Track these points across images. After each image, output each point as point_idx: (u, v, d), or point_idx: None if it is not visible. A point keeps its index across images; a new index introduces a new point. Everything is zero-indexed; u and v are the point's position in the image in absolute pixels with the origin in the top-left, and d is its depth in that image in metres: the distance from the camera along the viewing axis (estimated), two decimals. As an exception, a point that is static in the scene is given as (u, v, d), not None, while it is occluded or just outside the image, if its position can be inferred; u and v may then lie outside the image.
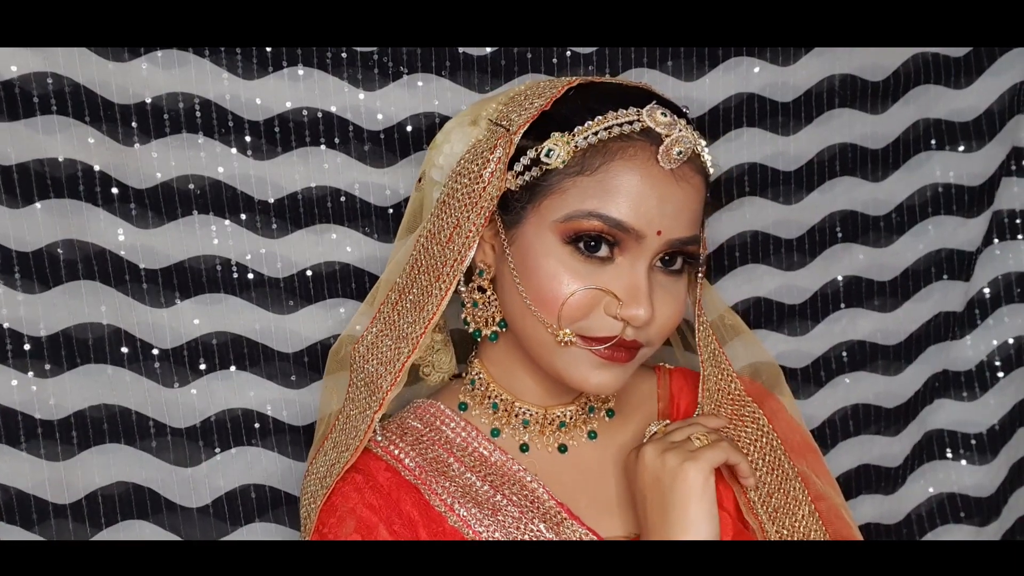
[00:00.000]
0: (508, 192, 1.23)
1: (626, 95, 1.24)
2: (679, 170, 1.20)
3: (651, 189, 1.19)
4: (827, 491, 1.38)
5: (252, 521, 1.48)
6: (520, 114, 1.24)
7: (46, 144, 1.34)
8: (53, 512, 1.39)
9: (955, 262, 1.71)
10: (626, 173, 1.19)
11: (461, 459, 1.29)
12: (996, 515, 1.78)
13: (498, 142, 1.23)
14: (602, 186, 1.19)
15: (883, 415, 1.72)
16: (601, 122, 1.20)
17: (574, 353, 1.22)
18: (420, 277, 1.28)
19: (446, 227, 1.26)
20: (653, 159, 1.20)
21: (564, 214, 1.20)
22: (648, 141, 1.20)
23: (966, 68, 1.66)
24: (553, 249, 1.20)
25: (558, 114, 1.23)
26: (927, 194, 1.69)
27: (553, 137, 1.20)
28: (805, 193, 1.63)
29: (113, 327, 1.40)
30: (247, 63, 1.41)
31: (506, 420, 1.31)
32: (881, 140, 1.65)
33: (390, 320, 1.31)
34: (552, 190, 1.20)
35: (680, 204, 1.21)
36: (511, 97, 1.30)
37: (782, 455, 1.34)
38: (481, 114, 1.30)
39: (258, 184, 1.43)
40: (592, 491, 1.31)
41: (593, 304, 1.20)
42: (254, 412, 1.46)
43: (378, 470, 1.28)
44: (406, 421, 1.34)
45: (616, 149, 1.20)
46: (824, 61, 1.59)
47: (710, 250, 1.60)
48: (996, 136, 1.68)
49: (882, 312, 1.71)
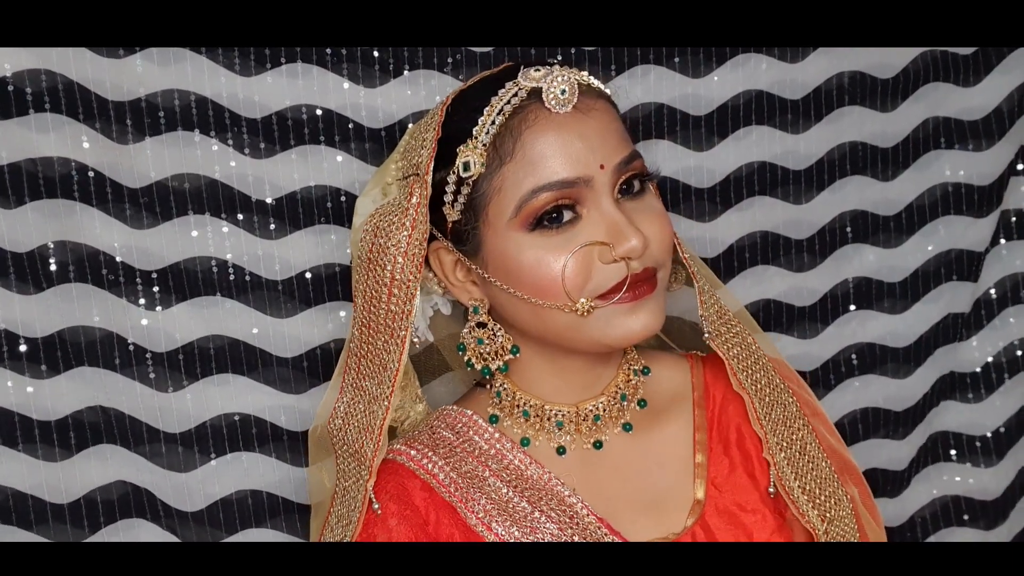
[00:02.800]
0: (454, 225, 1.24)
1: (496, 79, 1.25)
2: (580, 104, 1.21)
3: (568, 135, 1.20)
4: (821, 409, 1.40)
5: (248, 527, 1.46)
6: (418, 155, 1.26)
7: (39, 143, 1.32)
8: (51, 512, 1.38)
9: (964, 263, 1.69)
10: (539, 136, 1.20)
11: (497, 472, 1.28)
12: (1003, 518, 1.77)
13: (412, 188, 1.25)
14: (527, 161, 1.20)
15: (892, 419, 1.70)
16: (490, 112, 1.22)
17: (601, 315, 1.21)
18: (375, 338, 1.28)
19: (382, 285, 1.26)
20: (549, 111, 1.21)
21: (513, 207, 1.20)
22: (537, 100, 1.21)
23: (975, 67, 1.65)
24: (523, 241, 1.21)
25: (452, 132, 1.24)
26: (937, 193, 1.68)
27: (461, 152, 1.22)
28: (815, 192, 1.62)
29: (106, 331, 1.38)
30: (244, 60, 1.39)
31: (540, 425, 1.30)
32: (891, 138, 1.64)
33: (357, 386, 1.31)
34: (490, 195, 1.21)
35: (601, 131, 1.22)
36: (402, 152, 1.32)
37: (773, 373, 1.34)
38: (385, 181, 1.32)
39: (256, 183, 1.41)
40: (630, 491, 1.29)
41: (588, 262, 1.20)
42: (251, 417, 1.44)
43: (414, 489, 1.27)
44: (437, 431, 1.32)
45: (517, 124, 1.21)
46: (832, 58, 1.58)
47: (719, 251, 1.59)
48: (1005, 135, 1.67)
49: (892, 314, 1.69)
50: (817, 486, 1.29)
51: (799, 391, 1.38)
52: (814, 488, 1.29)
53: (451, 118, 1.25)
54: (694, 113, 1.53)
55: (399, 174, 1.30)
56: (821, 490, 1.29)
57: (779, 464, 1.28)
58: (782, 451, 1.29)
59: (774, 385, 1.33)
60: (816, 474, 1.30)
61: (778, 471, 1.28)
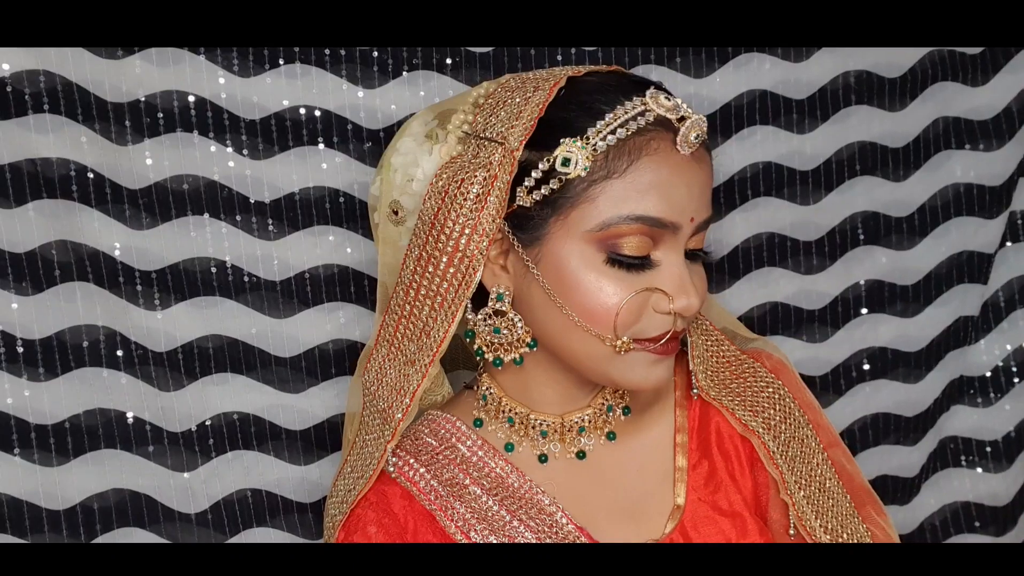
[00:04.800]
0: (520, 209, 1.18)
1: (620, 85, 1.19)
2: (697, 152, 1.18)
3: (679, 178, 1.16)
4: (838, 438, 1.36)
5: (251, 527, 1.46)
6: (507, 125, 1.18)
7: (38, 144, 1.33)
8: (47, 519, 1.37)
9: (975, 265, 1.67)
10: (654, 168, 1.15)
11: (477, 480, 1.26)
12: (1013, 524, 1.75)
13: (492, 159, 1.17)
14: (634, 186, 1.15)
15: (903, 424, 1.68)
16: (613, 120, 1.15)
17: (632, 358, 1.18)
18: (422, 303, 1.22)
19: (442, 253, 1.19)
20: (673, 147, 1.16)
21: (599, 222, 1.15)
22: (664, 129, 1.16)
23: (982, 66, 1.63)
24: (592, 261, 1.16)
25: (558, 118, 1.17)
26: (948, 194, 1.65)
27: (565, 144, 1.15)
28: (823, 193, 1.60)
29: (108, 330, 1.38)
30: (243, 61, 1.39)
31: (524, 432, 1.28)
32: (900, 139, 1.62)
33: (394, 343, 1.26)
34: (579, 199, 1.15)
35: (703, 186, 1.19)
36: (479, 105, 1.23)
37: (791, 402, 1.30)
38: (439, 127, 1.24)
39: (254, 184, 1.41)
40: (610, 499, 1.28)
41: (643, 305, 1.17)
42: (251, 417, 1.44)
43: (393, 497, 1.26)
44: (421, 436, 1.31)
45: (638, 145, 1.15)
46: (837, 57, 1.56)
47: (724, 253, 1.58)
48: (1015, 136, 1.65)
49: (903, 317, 1.67)
50: (839, 523, 1.26)
51: (815, 415, 1.34)
52: (836, 526, 1.26)
53: (562, 104, 1.17)
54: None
55: (467, 127, 1.22)
56: (843, 527, 1.26)
57: (798, 503, 1.25)
58: (801, 490, 1.26)
59: (792, 420, 1.29)
60: (836, 511, 1.27)
61: (798, 511, 1.25)
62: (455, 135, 1.22)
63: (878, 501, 1.34)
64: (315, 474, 1.47)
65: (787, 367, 1.36)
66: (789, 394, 1.31)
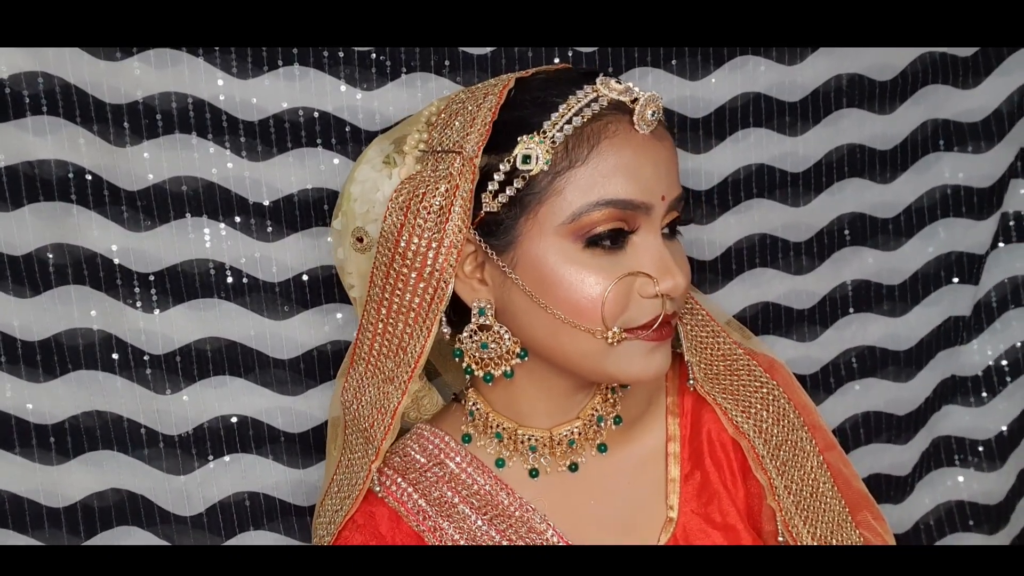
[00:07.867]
0: (488, 215, 1.16)
1: (570, 78, 1.18)
2: (657, 131, 1.17)
3: (643, 158, 1.15)
4: (835, 441, 1.35)
5: (247, 530, 1.46)
6: (462, 134, 1.17)
7: (36, 145, 1.32)
8: (47, 517, 1.38)
9: (964, 265, 1.68)
10: (616, 151, 1.14)
11: (466, 499, 1.25)
12: (1005, 522, 1.76)
13: (452, 169, 1.15)
14: (599, 172, 1.13)
15: (894, 423, 1.69)
16: (567, 110, 1.14)
17: (625, 348, 1.16)
18: (395, 319, 1.19)
19: (411, 269, 1.17)
20: (631, 128, 1.15)
21: (569, 214, 1.13)
22: (619, 112, 1.15)
23: (974, 68, 1.64)
24: (569, 254, 1.14)
25: (512, 118, 1.16)
26: (936, 196, 1.66)
27: (523, 142, 1.14)
28: (814, 195, 1.61)
29: (104, 333, 1.38)
30: (241, 62, 1.38)
31: (513, 448, 1.26)
32: (890, 141, 1.63)
33: (370, 361, 1.24)
34: (545, 195, 1.14)
35: (668, 163, 1.18)
36: (432, 123, 1.22)
37: (786, 403, 1.29)
38: (395, 151, 1.23)
39: (253, 186, 1.41)
40: (602, 512, 1.27)
41: (628, 292, 1.15)
42: (248, 419, 1.44)
43: (381, 518, 1.25)
44: (409, 453, 1.29)
45: (596, 131, 1.14)
46: (831, 60, 1.56)
47: (716, 254, 1.58)
48: (1005, 137, 1.66)
49: (892, 317, 1.68)
50: (830, 530, 1.26)
51: (811, 417, 1.33)
52: (826, 533, 1.25)
53: (514, 104, 1.17)
54: (692, 115, 1.53)
55: (421, 146, 1.21)
56: (834, 534, 1.26)
57: (786, 509, 1.24)
58: (791, 495, 1.25)
59: (786, 422, 1.28)
60: (828, 517, 1.26)
61: (784, 516, 1.24)
62: (412, 156, 1.22)
63: (875, 505, 1.33)
64: (313, 477, 1.47)
65: (782, 367, 1.36)
66: (784, 395, 1.30)
